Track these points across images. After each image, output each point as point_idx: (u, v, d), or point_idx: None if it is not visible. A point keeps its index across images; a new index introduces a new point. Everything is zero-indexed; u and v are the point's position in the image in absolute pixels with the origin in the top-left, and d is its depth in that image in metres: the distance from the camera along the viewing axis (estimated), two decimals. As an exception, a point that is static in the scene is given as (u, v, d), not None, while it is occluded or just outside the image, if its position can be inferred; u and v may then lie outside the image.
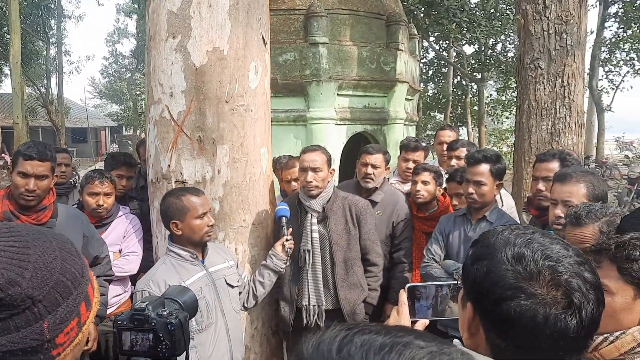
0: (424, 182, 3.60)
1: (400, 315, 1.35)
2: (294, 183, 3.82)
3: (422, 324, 1.39)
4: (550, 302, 0.92)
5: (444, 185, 3.97)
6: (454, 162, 4.08)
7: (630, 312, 1.44)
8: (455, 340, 1.09)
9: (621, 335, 1.43)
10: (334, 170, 3.29)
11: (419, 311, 1.41)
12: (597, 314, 0.94)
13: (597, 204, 2.16)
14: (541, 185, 3.00)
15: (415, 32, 7.35)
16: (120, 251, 3.50)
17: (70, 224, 2.94)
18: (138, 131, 35.04)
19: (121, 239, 3.49)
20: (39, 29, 25.35)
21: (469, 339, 1.03)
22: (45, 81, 27.79)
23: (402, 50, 6.17)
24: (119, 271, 3.40)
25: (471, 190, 3.07)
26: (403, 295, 1.37)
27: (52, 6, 26.55)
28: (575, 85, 5.01)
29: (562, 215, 2.41)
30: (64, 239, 0.90)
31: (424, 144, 4.29)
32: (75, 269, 0.86)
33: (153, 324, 1.37)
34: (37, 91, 26.69)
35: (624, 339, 1.42)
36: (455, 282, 1.38)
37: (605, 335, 1.44)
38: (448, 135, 4.61)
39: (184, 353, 1.40)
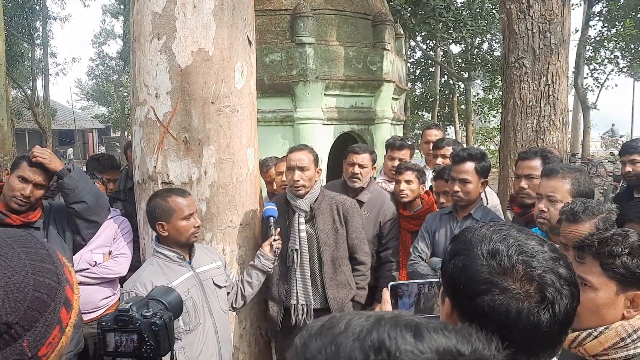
0: (407, 182, 3.62)
1: None
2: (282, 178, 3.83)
3: None
4: (523, 297, 0.93)
5: (431, 183, 4.00)
6: (439, 160, 4.11)
7: (614, 307, 1.46)
8: None
9: (605, 330, 1.44)
10: (321, 169, 3.30)
11: (401, 309, 1.42)
12: (571, 309, 0.96)
13: (594, 200, 2.18)
14: (524, 183, 3.02)
15: (402, 32, 7.38)
16: (110, 253, 3.48)
17: (56, 218, 2.95)
18: (126, 133, 34.80)
19: (111, 240, 3.47)
20: (23, 30, 25.07)
21: None
22: (31, 83, 27.48)
23: (388, 49, 6.20)
24: (108, 273, 3.38)
25: (457, 188, 3.10)
26: (386, 294, 1.38)
27: (37, 7, 26.27)
28: (559, 84, 5.06)
29: (546, 209, 2.45)
30: (34, 244, 0.85)
31: (409, 143, 4.32)
32: (50, 278, 0.82)
33: (137, 324, 1.37)
34: (23, 93, 26.40)
35: (607, 334, 1.44)
36: (438, 280, 1.39)
37: (589, 330, 1.45)
38: (434, 135, 4.64)
39: (169, 353, 1.41)
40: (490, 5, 15.37)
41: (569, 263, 0.99)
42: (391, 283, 1.41)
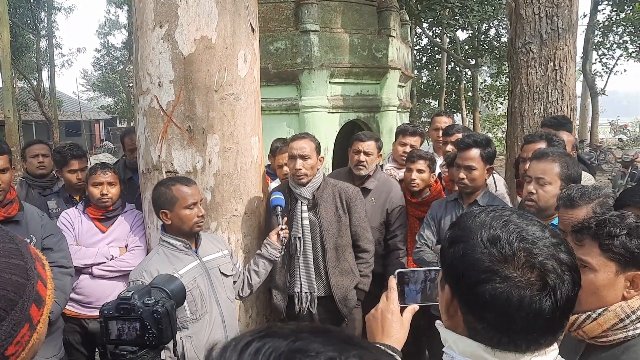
0: (419, 171, 3.60)
1: (389, 301, 1.35)
2: (285, 168, 3.82)
3: (411, 309, 1.39)
4: (525, 284, 0.92)
5: (438, 171, 3.98)
6: (449, 147, 4.07)
7: (613, 288, 1.46)
8: (438, 321, 1.10)
9: (603, 312, 1.45)
10: (323, 157, 3.29)
11: (408, 296, 1.41)
12: (572, 295, 0.95)
13: (590, 185, 2.19)
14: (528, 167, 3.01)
15: (407, 19, 7.33)
16: (126, 246, 3.47)
17: (33, 215, 2.93)
18: (132, 123, 34.77)
19: (127, 234, 3.44)
20: (28, 21, 25.10)
21: (447, 320, 1.05)
22: (37, 74, 27.54)
23: (393, 36, 6.16)
24: (125, 265, 3.36)
25: (462, 175, 3.07)
26: (392, 281, 1.37)
27: (42, -2, 26.32)
28: (567, 69, 5.00)
29: (534, 191, 2.50)
30: (1, 239, 0.82)
31: (420, 130, 4.32)
32: (17, 274, 0.79)
33: (139, 312, 1.37)
34: (29, 84, 26.48)
35: (606, 316, 1.44)
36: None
37: (588, 313, 1.46)
38: (444, 122, 4.61)
39: (172, 341, 1.41)
40: (496, -10, 15.20)
41: (570, 248, 0.98)
42: (397, 270, 1.40)
